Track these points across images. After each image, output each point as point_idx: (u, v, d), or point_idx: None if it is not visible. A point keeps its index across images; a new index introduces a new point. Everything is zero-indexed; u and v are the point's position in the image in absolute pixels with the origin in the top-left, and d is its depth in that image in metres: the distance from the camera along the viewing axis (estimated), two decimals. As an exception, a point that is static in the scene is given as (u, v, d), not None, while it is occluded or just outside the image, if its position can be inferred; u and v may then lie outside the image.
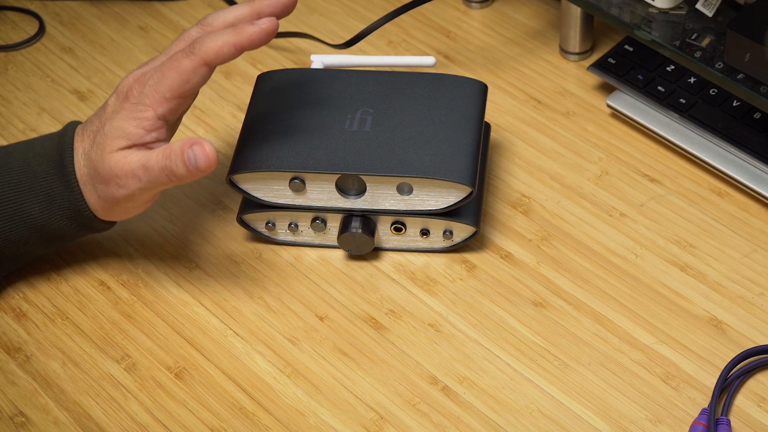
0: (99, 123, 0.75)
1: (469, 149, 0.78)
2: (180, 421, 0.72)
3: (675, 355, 0.74)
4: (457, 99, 0.81)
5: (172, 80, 0.73)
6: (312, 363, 0.75)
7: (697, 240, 0.80)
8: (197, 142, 0.71)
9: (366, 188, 0.78)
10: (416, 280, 0.79)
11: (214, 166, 0.71)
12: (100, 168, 0.73)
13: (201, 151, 0.70)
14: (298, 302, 0.78)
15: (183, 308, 0.78)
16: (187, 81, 0.73)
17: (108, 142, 0.73)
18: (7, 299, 0.79)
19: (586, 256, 0.80)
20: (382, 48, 0.96)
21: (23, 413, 0.73)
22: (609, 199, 0.83)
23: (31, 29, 1.00)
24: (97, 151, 0.74)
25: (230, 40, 0.72)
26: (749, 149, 0.82)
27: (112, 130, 0.73)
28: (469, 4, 0.99)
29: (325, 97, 0.81)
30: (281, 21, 0.98)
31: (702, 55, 0.82)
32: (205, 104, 0.92)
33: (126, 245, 0.82)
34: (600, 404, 0.72)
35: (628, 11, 0.86)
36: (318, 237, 0.81)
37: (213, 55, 0.72)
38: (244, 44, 0.72)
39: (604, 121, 0.89)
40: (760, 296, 0.77)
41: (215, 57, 0.72)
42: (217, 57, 0.72)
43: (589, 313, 0.77)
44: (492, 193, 0.84)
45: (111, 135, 0.73)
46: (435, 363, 0.75)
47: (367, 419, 0.72)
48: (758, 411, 0.71)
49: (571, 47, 0.93)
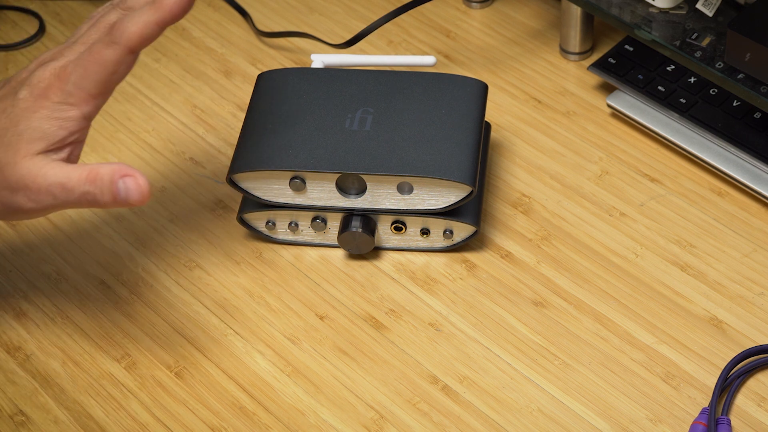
0: (6, 120, 0.67)
1: (470, 149, 0.78)
2: (180, 420, 0.72)
3: (675, 355, 0.74)
4: (458, 99, 0.81)
5: (97, 75, 0.67)
6: (312, 362, 0.75)
7: (698, 240, 0.80)
8: (130, 174, 0.65)
9: (366, 187, 0.78)
10: (416, 279, 0.79)
11: (146, 202, 0.66)
12: (9, 173, 0.66)
13: (134, 186, 0.65)
14: (298, 301, 0.78)
15: (183, 307, 0.78)
16: (113, 73, 0.67)
17: (23, 145, 0.66)
18: (7, 298, 0.79)
19: (587, 256, 0.80)
20: (382, 48, 0.96)
21: (23, 412, 0.73)
22: (609, 199, 0.83)
23: (31, 29, 0.99)
24: (6, 152, 0.66)
25: (151, 19, 0.66)
26: (749, 149, 0.82)
27: (28, 131, 0.66)
28: (469, 4, 0.99)
29: (326, 97, 0.81)
30: (282, 21, 0.98)
31: (702, 54, 0.82)
32: (205, 104, 0.92)
33: (126, 244, 0.82)
34: (600, 404, 0.72)
35: (628, 11, 0.86)
36: (318, 236, 0.81)
37: (137, 40, 0.66)
38: (167, 19, 0.66)
39: (604, 121, 0.89)
40: (760, 296, 0.77)
41: (140, 41, 0.66)
42: (141, 41, 0.66)
43: (589, 313, 0.77)
44: (492, 192, 0.84)
45: (27, 137, 0.66)
46: (435, 362, 0.75)
47: (367, 418, 0.72)
48: (758, 411, 0.71)
49: (572, 47, 0.93)
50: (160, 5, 0.66)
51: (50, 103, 0.67)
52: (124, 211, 0.84)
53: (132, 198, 0.65)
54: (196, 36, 0.98)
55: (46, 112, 0.67)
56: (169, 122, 0.91)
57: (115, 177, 0.65)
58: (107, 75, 0.67)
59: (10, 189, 0.67)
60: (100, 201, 0.66)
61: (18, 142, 0.66)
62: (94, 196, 0.66)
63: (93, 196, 0.66)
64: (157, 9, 0.66)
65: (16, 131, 0.67)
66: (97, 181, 0.66)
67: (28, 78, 0.68)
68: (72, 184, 0.66)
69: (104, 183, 0.66)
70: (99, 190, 0.66)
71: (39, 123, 0.67)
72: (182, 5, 0.66)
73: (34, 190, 0.66)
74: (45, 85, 0.67)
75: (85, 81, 0.67)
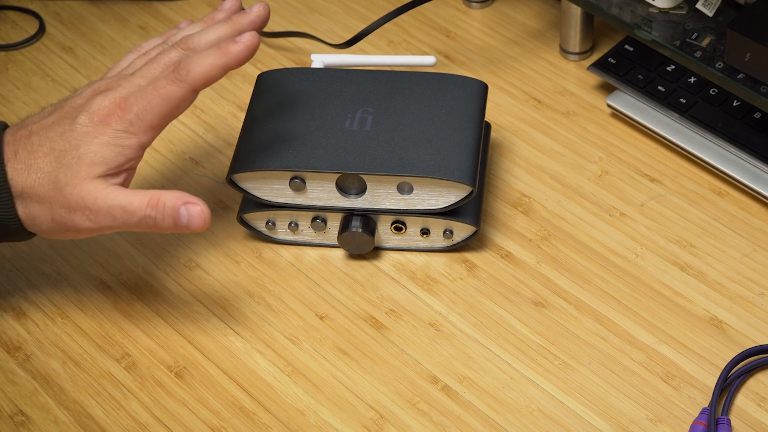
0: (65, 143, 0.70)
1: (470, 149, 0.78)
2: (180, 420, 0.72)
3: (675, 355, 0.74)
4: (458, 98, 0.81)
5: (159, 109, 0.70)
6: (312, 362, 0.75)
7: (698, 240, 0.80)
8: (193, 202, 0.69)
9: (366, 187, 0.78)
10: (416, 279, 0.79)
11: (207, 228, 0.69)
12: (69, 193, 0.69)
13: (198, 214, 0.69)
14: (298, 301, 0.78)
15: (183, 307, 0.78)
16: (175, 108, 0.71)
17: (84, 168, 0.69)
18: (7, 298, 0.79)
19: (587, 256, 0.80)
20: (382, 48, 0.96)
21: (23, 412, 0.73)
22: (609, 199, 0.83)
23: (31, 29, 0.99)
24: (66, 173, 0.69)
25: (217, 62, 0.70)
26: (749, 149, 0.82)
27: (88, 155, 0.69)
28: (469, 4, 0.99)
29: (326, 97, 0.81)
30: (282, 21, 0.98)
31: (702, 54, 0.82)
32: (205, 104, 0.92)
33: (126, 244, 0.82)
34: (600, 404, 0.72)
35: (628, 11, 0.86)
36: (318, 236, 0.81)
37: (202, 81, 0.70)
38: (231, 64, 0.71)
39: (604, 121, 0.89)
40: (760, 296, 0.77)
41: (204, 82, 0.70)
42: (205, 82, 0.70)
43: (589, 313, 0.77)
44: (492, 192, 0.84)
45: (88, 160, 0.69)
46: (435, 362, 0.75)
47: (367, 418, 0.72)
48: (758, 411, 0.71)
49: (572, 47, 0.93)
50: (226, 50, 0.70)
51: (111, 130, 0.70)
52: (124, 211, 0.84)
53: (193, 224, 0.69)
54: (196, 36, 0.98)
55: (106, 138, 0.69)
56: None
57: (177, 204, 0.69)
58: (169, 110, 0.70)
59: (69, 208, 0.69)
60: (160, 226, 0.69)
61: (78, 164, 0.69)
62: (154, 221, 0.69)
63: (153, 221, 0.69)
64: (223, 54, 0.70)
65: (76, 154, 0.69)
66: (159, 207, 0.69)
67: (86, 105, 0.71)
68: (134, 207, 0.69)
69: (166, 210, 0.69)
70: (161, 215, 0.69)
71: (99, 148, 0.69)
72: (247, 53, 0.71)
73: (94, 210, 0.69)
74: (106, 113, 0.70)
75: (147, 113, 0.70)
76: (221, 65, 0.70)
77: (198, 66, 0.70)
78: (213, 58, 0.70)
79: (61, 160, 0.70)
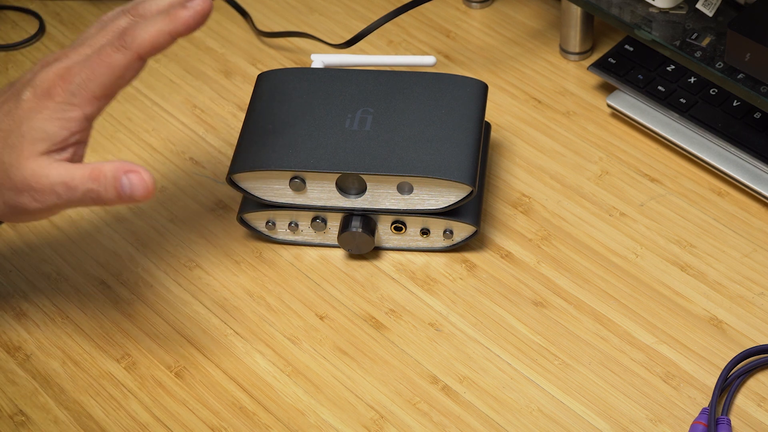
0: (10, 121, 0.67)
1: (470, 149, 0.78)
2: (180, 420, 0.72)
3: (675, 355, 0.74)
4: (458, 98, 0.81)
5: (103, 77, 0.66)
6: (312, 362, 0.75)
7: (698, 240, 0.80)
8: (134, 170, 0.66)
9: (366, 187, 0.78)
10: (416, 279, 0.79)
11: (151, 197, 0.67)
12: (14, 174, 0.67)
13: (139, 181, 0.65)
14: (298, 301, 0.78)
15: (183, 307, 0.78)
16: (120, 77, 0.67)
17: (26, 146, 0.66)
18: (7, 298, 0.79)
19: (587, 256, 0.80)
20: (382, 48, 0.96)
21: (23, 412, 0.73)
22: (609, 199, 0.83)
23: (31, 29, 0.99)
24: (11, 154, 0.66)
25: (165, 28, 0.66)
26: (749, 149, 0.82)
27: (31, 131, 0.66)
28: (469, 4, 0.99)
29: (326, 97, 0.81)
30: (282, 21, 0.98)
31: (702, 54, 0.82)
32: (205, 104, 0.92)
33: (126, 244, 0.82)
34: (600, 404, 0.72)
35: (628, 11, 0.86)
36: (318, 236, 0.81)
37: (148, 47, 0.66)
38: (180, 31, 0.66)
39: (604, 121, 0.89)
40: (760, 296, 0.77)
41: (150, 49, 0.66)
42: (152, 49, 0.66)
43: (589, 313, 0.77)
44: (492, 192, 0.84)
45: (30, 137, 0.66)
46: (435, 362, 0.75)
47: (367, 418, 0.72)
48: (758, 411, 0.71)
49: (572, 47, 0.93)
50: (174, 16, 0.66)
51: (53, 104, 0.67)
52: (125, 212, 0.84)
53: (137, 193, 0.66)
54: (196, 36, 0.98)
55: (48, 113, 0.67)
56: (169, 122, 0.91)
57: (118, 173, 0.66)
58: (114, 79, 0.67)
59: (15, 190, 0.67)
60: (104, 198, 0.66)
61: (21, 144, 0.66)
62: (98, 194, 0.66)
63: (97, 194, 0.66)
64: (171, 20, 0.66)
65: (19, 132, 0.67)
66: (100, 179, 0.66)
67: (31, 79, 0.68)
68: (75, 182, 0.66)
69: (108, 180, 0.66)
70: (103, 187, 0.66)
71: (42, 123, 0.66)
72: (197, 18, 0.67)
73: (38, 190, 0.66)
74: (48, 85, 0.67)
75: (90, 82, 0.67)
76: (168, 31, 0.66)
77: (144, 32, 0.66)
78: (160, 24, 0.66)
79: (6, 141, 0.67)
